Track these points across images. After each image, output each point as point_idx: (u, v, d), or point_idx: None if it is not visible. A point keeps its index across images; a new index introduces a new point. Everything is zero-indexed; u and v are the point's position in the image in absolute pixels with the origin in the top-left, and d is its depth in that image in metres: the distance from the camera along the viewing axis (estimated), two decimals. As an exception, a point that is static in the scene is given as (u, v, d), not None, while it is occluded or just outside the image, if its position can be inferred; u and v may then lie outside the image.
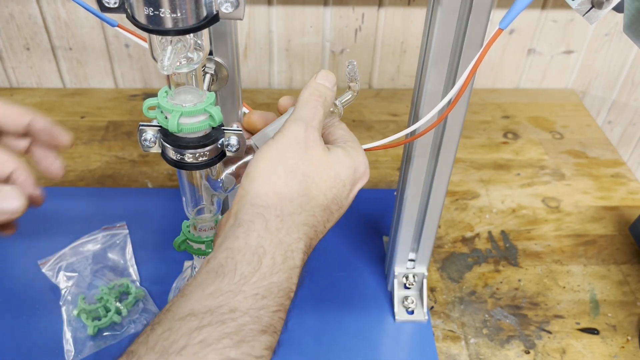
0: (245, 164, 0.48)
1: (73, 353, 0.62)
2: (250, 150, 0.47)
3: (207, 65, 0.50)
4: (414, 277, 0.68)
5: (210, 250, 0.53)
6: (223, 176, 0.48)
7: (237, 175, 0.48)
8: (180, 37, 0.39)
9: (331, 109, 0.48)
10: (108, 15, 0.42)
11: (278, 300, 0.38)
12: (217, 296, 0.36)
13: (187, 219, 0.54)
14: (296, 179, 0.41)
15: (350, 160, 0.44)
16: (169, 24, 0.37)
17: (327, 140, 0.47)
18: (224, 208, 0.63)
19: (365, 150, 0.50)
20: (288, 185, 0.41)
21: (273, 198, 0.40)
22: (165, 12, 0.36)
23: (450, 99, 0.45)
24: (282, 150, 0.42)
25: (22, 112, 0.47)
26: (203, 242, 0.54)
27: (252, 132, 0.50)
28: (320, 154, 0.42)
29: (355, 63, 0.48)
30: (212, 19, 0.39)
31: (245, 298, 0.36)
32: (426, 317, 0.68)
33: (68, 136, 0.49)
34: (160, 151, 0.45)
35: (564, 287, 0.73)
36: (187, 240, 0.55)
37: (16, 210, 0.43)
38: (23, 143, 0.49)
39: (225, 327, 0.35)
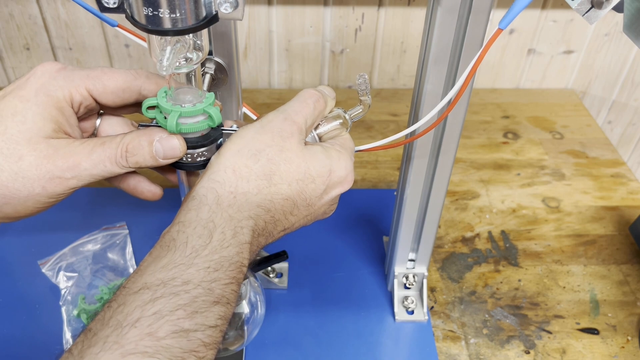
0: None
1: None
2: None
3: (207, 65, 0.50)
4: (414, 277, 0.68)
5: None
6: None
7: None
8: (180, 37, 0.39)
9: (339, 121, 0.47)
10: (108, 16, 0.42)
11: (230, 274, 0.38)
12: (170, 269, 0.37)
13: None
14: (259, 162, 0.41)
15: (327, 159, 0.44)
16: (168, 24, 0.37)
17: (327, 142, 0.47)
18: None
19: (365, 150, 0.50)
20: (248, 167, 0.41)
21: (230, 175, 0.41)
22: (165, 13, 0.36)
23: (450, 99, 0.45)
24: (254, 134, 0.42)
25: (123, 79, 0.46)
26: None
27: None
28: (293, 145, 0.43)
29: (366, 76, 0.48)
30: (212, 19, 0.39)
31: (198, 271, 0.37)
32: (426, 317, 0.68)
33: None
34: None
35: (564, 287, 0.73)
36: None
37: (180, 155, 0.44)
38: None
39: (178, 299, 0.35)
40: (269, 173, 0.42)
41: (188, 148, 0.44)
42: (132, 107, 0.48)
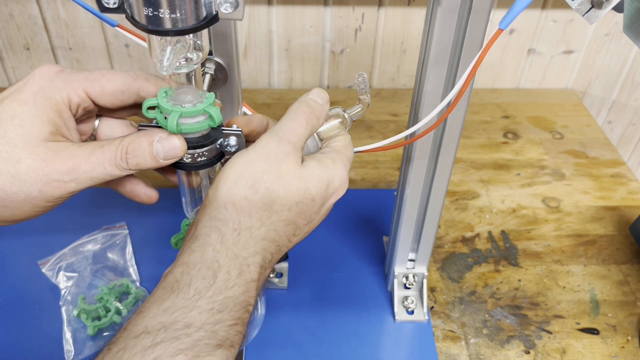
0: None
1: (73, 353, 0.62)
2: None
3: (207, 65, 0.50)
4: (414, 277, 0.68)
5: None
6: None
7: None
8: (180, 37, 0.39)
9: (339, 120, 0.47)
10: (108, 16, 0.42)
11: (235, 314, 0.38)
12: (172, 312, 0.36)
13: (187, 218, 0.54)
14: (258, 192, 0.40)
15: (324, 173, 0.43)
16: (168, 25, 0.37)
17: (321, 148, 0.47)
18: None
19: (364, 151, 0.50)
20: (248, 199, 0.40)
21: (231, 211, 0.40)
22: (165, 13, 0.36)
23: (450, 100, 0.45)
24: (249, 162, 0.41)
25: (123, 80, 0.46)
26: None
27: (251, 138, 0.49)
28: (290, 167, 0.41)
29: (365, 75, 0.48)
30: (212, 19, 0.39)
31: (200, 313, 0.36)
32: (426, 317, 0.68)
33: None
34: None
35: (564, 287, 0.73)
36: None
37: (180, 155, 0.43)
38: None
39: (179, 343, 0.34)
40: (269, 202, 0.41)
41: (188, 148, 0.44)
42: (131, 109, 0.48)
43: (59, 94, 0.42)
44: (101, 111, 0.47)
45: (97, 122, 0.47)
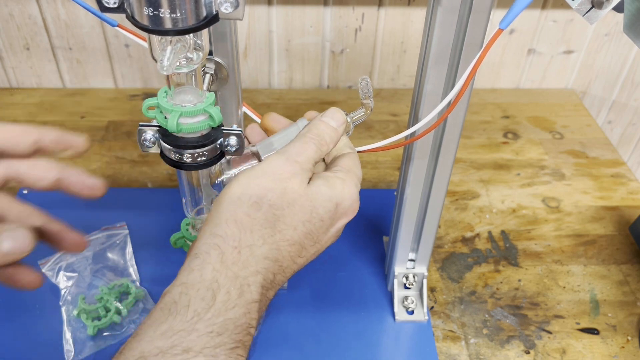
0: (251, 169, 0.48)
1: (73, 353, 0.62)
2: (254, 156, 0.47)
3: (207, 65, 0.50)
4: (414, 277, 0.68)
5: None
6: (224, 177, 0.48)
7: None
8: (180, 37, 0.39)
9: None
10: (108, 15, 0.42)
11: (235, 337, 0.36)
12: (170, 336, 0.34)
13: (187, 218, 0.54)
14: (261, 209, 0.39)
15: (332, 193, 0.42)
16: (168, 24, 0.37)
17: (328, 167, 0.45)
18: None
19: (364, 151, 0.50)
20: (249, 216, 0.39)
21: (232, 228, 0.39)
22: (165, 12, 0.36)
23: (450, 100, 0.45)
24: (254, 178, 0.40)
25: (26, 130, 0.43)
26: None
27: (267, 133, 0.49)
28: (295, 186, 0.40)
29: (368, 79, 0.47)
30: (212, 19, 0.39)
31: (199, 336, 0.35)
32: (426, 317, 0.68)
33: (82, 138, 0.45)
34: (159, 151, 0.45)
35: (564, 287, 0.73)
36: (185, 239, 0.55)
37: (9, 252, 0.39)
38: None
39: None
40: (272, 220, 0.39)
41: (189, 148, 0.44)
42: None
43: None
44: None
45: None
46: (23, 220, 0.43)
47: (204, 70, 0.50)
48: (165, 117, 0.43)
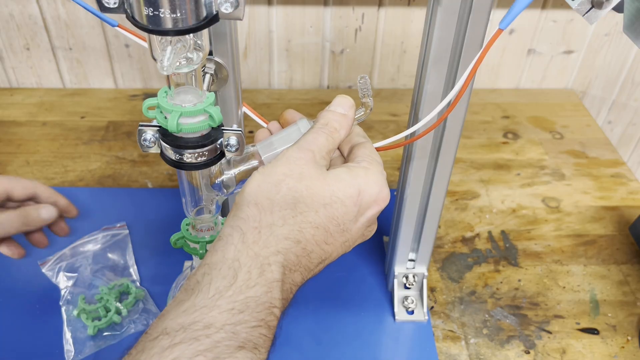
0: (252, 169, 0.48)
1: (73, 353, 0.62)
2: (254, 156, 0.47)
3: (207, 65, 0.50)
4: (414, 277, 0.68)
5: (203, 251, 0.53)
6: (224, 177, 0.48)
7: (238, 180, 0.48)
8: (180, 37, 0.39)
9: None
10: (108, 15, 0.42)
11: (257, 315, 0.36)
12: (191, 312, 0.35)
13: (187, 218, 0.54)
14: (280, 192, 0.40)
15: (353, 179, 0.42)
16: (168, 24, 0.37)
17: (348, 160, 0.46)
18: (223, 209, 0.63)
19: None
20: (270, 198, 0.40)
21: (253, 209, 0.40)
22: (165, 13, 0.36)
23: (450, 100, 0.45)
24: (273, 167, 0.41)
25: (27, 185, 0.61)
26: (198, 243, 0.54)
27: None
28: (313, 171, 0.41)
29: (367, 78, 0.47)
30: (212, 19, 0.39)
31: (221, 313, 0.35)
32: (426, 317, 0.68)
33: (75, 210, 0.65)
34: (159, 151, 0.45)
35: (564, 287, 0.73)
36: (185, 239, 0.55)
37: (49, 218, 0.61)
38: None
39: (199, 344, 0.34)
40: (292, 202, 0.40)
41: (189, 148, 0.44)
42: None
43: None
44: None
45: None
46: (52, 199, 0.63)
47: (204, 70, 0.50)
48: (166, 117, 0.43)
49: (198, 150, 0.44)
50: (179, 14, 0.37)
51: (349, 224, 0.42)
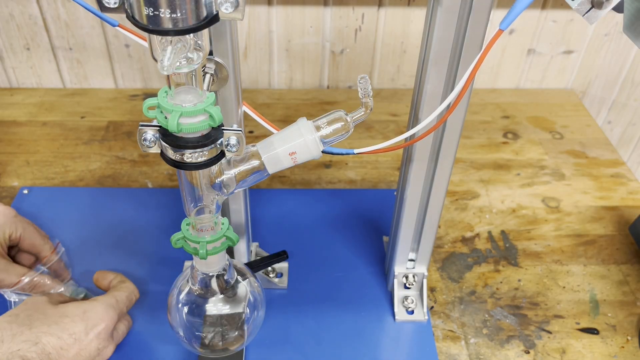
0: (252, 169, 0.48)
1: None
2: (254, 156, 0.47)
3: (207, 65, 0.50)
4: (414, 277, 0.68)
5: (204, 251, 0.53)
6: (224, 177, 0.48)
7: (238, 180, 0.48)
8: (180, 37, 0.39)
9: (341, 124, 0.47)
10: (108, 15, 0.42)
11: None
12: None
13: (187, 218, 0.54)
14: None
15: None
16: (168, 24, 0.37)
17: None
18: (223, 209, 0.63)
19: (365, 153, 0.50)
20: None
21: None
22: (165, 12, 0.36)
23: (450, 102, 0.45)
24: None
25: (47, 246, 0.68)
26: (198, 243, 0.54)
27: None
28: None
29: (367, 78, 0.47)
30: (212, 19, 0.39)
31: None
32: (426, 317, 0.68)
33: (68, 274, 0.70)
34: (159, 151, 0.45)
35: (564, 287, 0.73)
36: (185, 239, 0.55)
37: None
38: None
39: None
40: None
41: (189, 148, 0.44)
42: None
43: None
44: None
45: None
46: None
47: (204, 70, 0.50)
48: (166, 117, 0.43)
49: (198, 150, 0.44)
50: (179, 14, 0.37)
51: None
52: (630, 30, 0.39)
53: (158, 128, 0.44)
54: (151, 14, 0.36)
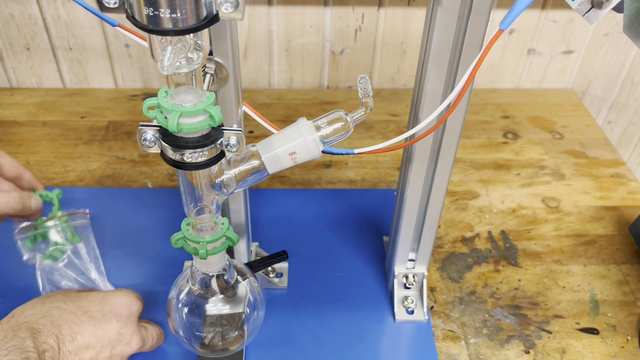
0: (252, 169, 0.48)
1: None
2: (254, 156, 0.47)
3: (207, 65, 0.50)
4: (414, 277, 0.68)
5: (204, 251, 0.53)
6: (224, 177, 0.48)
7: (238, 180, 0.48)
8: (180, 37, 0.39)
9: (341, 124, 0.47)
10: (108, 15, 0.42)
11: None
12: None
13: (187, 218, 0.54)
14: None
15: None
16: (168, 24, 0.37)
17: None
18: (223, 209, 0.63)
19: (364, 153, 0.50)
20: None
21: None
22: (165, 12, 0.36)
23: (450, 103, 0.45)
24: None
25: (16, 164, 0.69)
26: (198, 242, 0.54)
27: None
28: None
29: (367, 78, 0.47)
30: (212, 19, 0.39)
31: None
32: (426, 317, 0.68)
33: (41, 186, 0.73)
34: (159, 151, 0.45)
35: (564, 287, 0.73)
36: (185, 239, 0.55)
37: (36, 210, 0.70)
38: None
39: None
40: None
41: (189, 148, 0.44)
42: None
43: None
44: None
45: None
46: (18, 172, 0.70)
47: (204, 70, 0.50)
48: (166, 117, 0.43)
49: (198, 150, 0.44)
50: (179, 14, 0.37)
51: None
52: (630, 30, 0.39)
53: (158, 128, 0.44)
54: (151, 14, 0.36)
